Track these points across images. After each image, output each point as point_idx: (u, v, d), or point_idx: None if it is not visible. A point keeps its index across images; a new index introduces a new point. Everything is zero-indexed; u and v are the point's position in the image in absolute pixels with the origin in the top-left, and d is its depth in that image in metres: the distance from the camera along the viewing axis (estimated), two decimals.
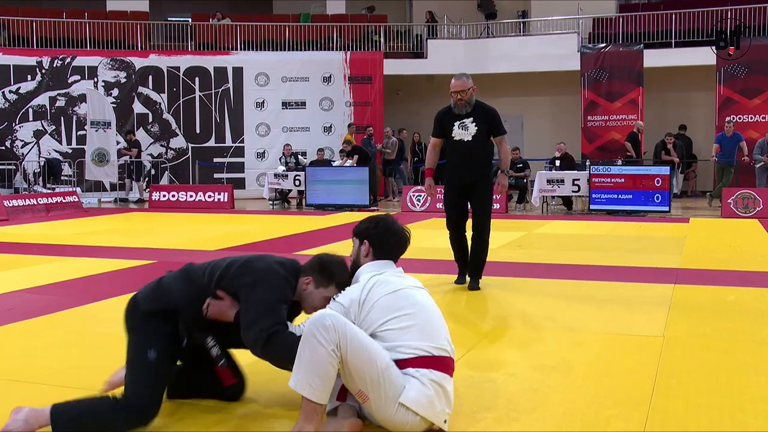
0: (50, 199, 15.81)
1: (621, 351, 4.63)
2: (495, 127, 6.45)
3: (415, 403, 3.09)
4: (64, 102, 19.22)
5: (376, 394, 3.08)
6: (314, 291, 3.46)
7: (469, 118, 6.39)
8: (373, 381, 3.07)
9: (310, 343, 3.00)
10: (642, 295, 6.31)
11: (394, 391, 3.09)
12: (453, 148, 6.48)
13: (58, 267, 8.07)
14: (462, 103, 6.37)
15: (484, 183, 6.45)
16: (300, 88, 20.27)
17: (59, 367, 4.30)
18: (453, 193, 6.53)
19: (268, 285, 3.31)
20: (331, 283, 3.47)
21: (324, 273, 3.47)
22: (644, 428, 3.29)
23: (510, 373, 4.18)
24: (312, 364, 2.99)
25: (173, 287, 3.44)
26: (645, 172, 14.51)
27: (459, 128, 6.40)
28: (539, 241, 10.34)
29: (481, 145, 6.41)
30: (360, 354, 3.03)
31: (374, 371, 3.06)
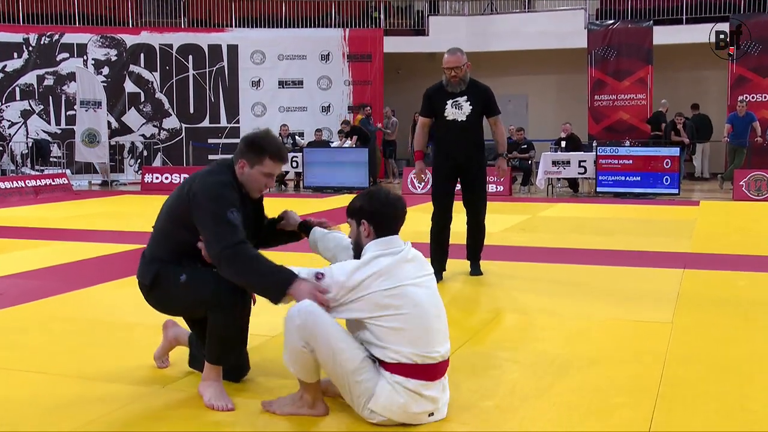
0: (39, 181, 15.81)
1: (628, 338, 4.65)
2: (490, 107, 6.26)
3: (383, 409, 3.15)
4: (52, 81, 19.16)
5: (344, 393, 3.24)
6: (251, 171, 3.50)
7: (463, 97, 6.15)
8: (340, 382, 3.20)
9: (287, 335, 3.18)
10: (650, 280, 6.32)
11: (361, 394, 3.16)
12: (445, 129, 6.24)
13: (48, 251, 8.08)
14: (456, 81, 6.13)
15: (477, 164, 6.26)
16: (297, 66, 20.21)
17: (50, 354, 4.32)
18: (443, 176, 6.29)
19: (210, 200, 3.35)
20: (263, 157, 3.49)
21: (254, 150, 3.50)
22: (651, 417, 3.30)
23: (513, 361, 4.20)
24: (291, 352, 3.19)
25: (160, 248, 3.62)
26: (654, 154, 14.48)
27: (452, 107, 6.16)
28: (544, 224, 10.35)
29: (475, 125, 6.22)
30: (326, 355, 3.13)
31: (340, 374, 3.16)
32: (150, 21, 20.60)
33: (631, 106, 18.39)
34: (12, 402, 3.56)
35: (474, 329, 4.91)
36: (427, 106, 6.31)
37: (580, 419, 3.30)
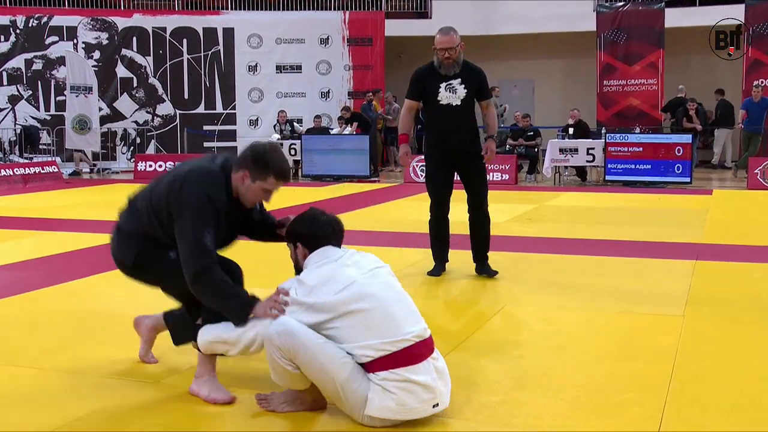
0: (28, 169, 15.81)
1: (638, 331, 4.64)
2: (484, 90, 6.10)
3: (380, 412, 3.15)
4: (41, 65, 19.11)
5: (340, 404, 3.22)
6: (252, 185, 3.50)
7: (457, 80, 5.95)
8: (333, 393, 3.20)
9: (270, 357, 3.21)
10: (661, 272, 6.31)
11: (356, 403, 3.17)
12: (439, 114, 6.02)
13: (37, 242, 8.08)
14: (450, 63, 5.92)
15: (474, 152, 6.07)
16: (295, 50, 20.14)
17: (39, 349, 4.32)
18: (440, 166, 6.08)
19: (193, 216, 3.38)
20: (268, 174, 3.48)
21: (259, 165, 3.47)
22: (662, 414, 3.30)
23: (518, 355, 4.20)
24: (277, 372, 3.24)
25: (136, 224, 3.66)
26: (665, 141, 14.46)
27: (446, 91, 5.96)
28: (551, 214, 10.34)
29: (470, 110, 6.04)
30: (313, 368, 3.15)
31: (331, 385, 3.17)
32: (142, 3, 20.53)
33: (642, 92, 18.33)
34: (0, 397, 3.57)
35: (478, 322, 4.90)
36: (416, 88, 6.07)
37: (587, 416, 3.30)
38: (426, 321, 4.94)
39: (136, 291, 5.74)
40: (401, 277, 6.05)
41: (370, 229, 8.60)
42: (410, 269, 6.39)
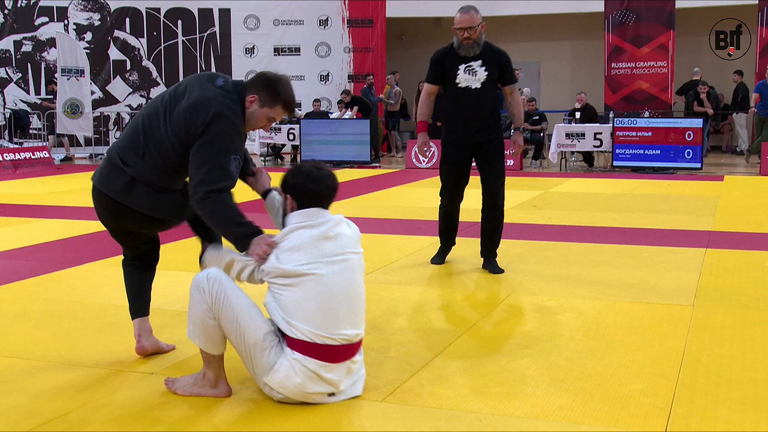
0: (18, 155, 15.79)
1: (647, 321, 4.65)
2: (507, 74, 5.91)
3: (280, 386, 3.28)
4: (31, 47, 19.08)
5: (247, 365, 3.36)
6: (258, 110, 3.59)
7: (477, 61, 5.79)
8: (243, 354, 3.34)
9: (193, 303, 3.33)
10: (670, 260, 6.32)
11: (260, 369, 3.30)
12: (457, 98, 5.86)
13: (29, 229, 8.09)
14: (469, 43, 5.75)
15: (496, 141, 5.90)
16: (294, 32, 20.10)
17: (31, 339, 4.33)
18: (456, 154, 5.91)
19: (222, 139, 3.44)
20: (277, 102, 3.59)
21: (270, 91, 3.58)
22: (671, 404, 3.31)
23: (523, 346, 4.20)
24: (195, 321, 3.33)
25: (145, 163, 3.60)
26: (675, 125, 14.44)
27: (465, 73, 5.81)
28: (557, 200, 10.34)
29: (490, 94, 5.86)
30: (230, 324, 3.27)
31: (241, 345, 3.31)
32: None
33: (651, 75, 18.27)
34: None
35: (482, 312, 4.91)
36: (435, 71, 5.94)
37: (594, 406, 3.31)
38: (428, 309, 4.97)
39: None
40: (402, 265, 6.11)
41: (371, 216, 8.60)
42: (412, 258, 6.40)
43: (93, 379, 3.66)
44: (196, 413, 3.27)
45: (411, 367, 3.79)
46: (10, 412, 3.30)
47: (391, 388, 3.51)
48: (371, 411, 3.28)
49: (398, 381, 3.59)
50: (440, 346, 4.15)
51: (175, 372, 3.73)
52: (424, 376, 3.70)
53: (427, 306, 5.10)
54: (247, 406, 3.34)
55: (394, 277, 5.80)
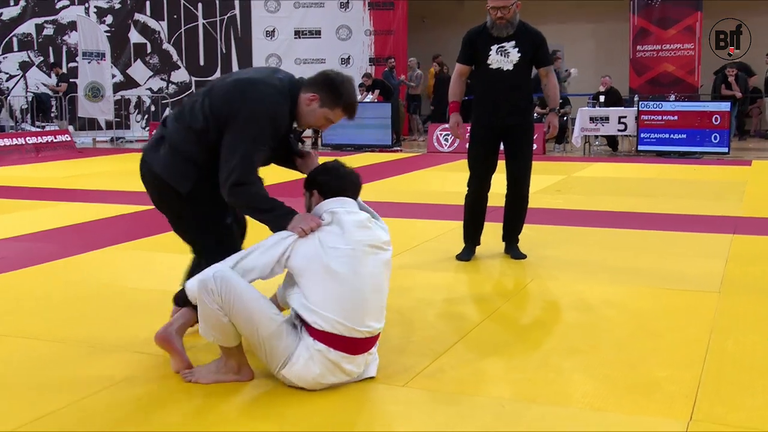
0: (40, 138, 15.91)
1: (671, 308, 4.63)
2: (542, 56, 5.70)
3: (297, 378, 3.30)
4: (52, 30, 19.17)
5: (261, 357, 3.37)
6: (318, 110, 3.57)
7: (510, 42, 5.59)
8: (258, 348, 3.33)
9: (202, 303, 3.29)
10: (696, 246, 6.28)
11: (276, 359, 3.30)
12: (488, 80, 5.69)
13: (51, 213, 8.15)
14: (503, 23, 5.56)
15: (526, 127, 5.76)
16: (314, 14, 20.06)
17: (53, 321, 4.37)
18: (485, 138, 5.75)
19: (252, 129, 3.43)
20: (337, 104, 3.57)
21: (333, 92, 3.55)
22: (696, 392, 3.30)
23: (546, 331, 4.20)
24: (207, 320, 3.31)
25: (192, 143, 3.56)
26: (701, 109, 14.30)
27: (498, 54, 5.61)
28: (580, 185, 10.29)
29: (523, 76, 5.68)
30: (242, 320, 3.26)
31: (255, 338, 3.30)
32: None
33: (678, 57, 18.09)
34: (14, 370, 3.62)
35: (505, 297, 4.91)
36: (466, 51, 5.75)
37: (619, 394, 3.30)
38: (452, 294, 4.97)
39: (151, 263, 5.80)
40: (424, 250, 6.10)
41: (392, 200, 8.59)
42: (433, 242, 6.39)
43: (114, 362, 3.69)
44: (218, 397, 3.29)
45: (432, 352, 3.79)
46: (33, 393, 3.34)
47: (413, 373, 3.51)
48: (393, 396, 3.29)
49: (420, 366, 3.60)
50: (462, 331, 4.15)
51: (195, 355, 3.75)
52: (446, 361, 3.70)
53: (449, 291, 5.09)
54: (269, 389, 3.35)
55: (415, 261, 5.80)
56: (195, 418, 3.11)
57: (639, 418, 3.06)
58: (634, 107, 14.70)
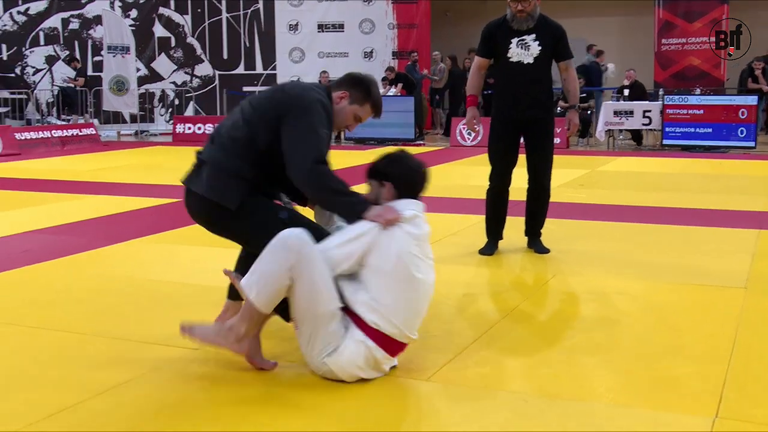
0: (65, 131, 16.03)
1: (697, 303, 4.59)
2: (562, 49, 5.65)
3: (339, 369, 3.25)
4: (77, 24, 19.30)
5: (303, 335, 3.28)
6: (348, 107, 3.62)
7: (530, 35, 5.55)
8: (307, 324, 3.25)
9: (271, 255, 3.18)
10: (722, 242, 6.22)
11: (320, 343, 3.24)
12: (508, 73, 5.64)
13: (76, 205, 8.21)
14: (523, 16, 5.51)
15: (546, 120, 5.70)
16: (337, 8, 20.07)
17: (79, 313, 4.40)
18: (504, 132, 5.71)
19: (311, 112, 3.44)
20: (367, 101, 3.63)
21: (361, 89, 3.62)
22: (722, 389, 3.26)
23: (570, 327, 4.18)
24: (265, 275, 3.19)
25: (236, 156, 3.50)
26: (728, 103, 14.17)
27: (518, 47, 5.55)
28: (604, 179, 10.23)
29: (543, 70, 5.62)
30: (306, 288, 3.18)
31: (308, 312, 3.23)
32: None
33: (703, 51, 17.93)
34: (38, 362, 3.65)
35: (529, 292, 4.89)
36: (486, 44, 5.70)
37: (643, 389, 3.28)
38: (474, 289, 4.97)
39: (175, 256, 5.82)
40: (447, 244, 6.09)
41: None
42: (456, 237, 6.38)
43: (139, 354, 3.71)
44: (241, 388, 3.30)
45: (455, 347, 3.78)
46: (60, 384, 3.36)
47: (436, 368, 3.50)
48: (415, 390, 3.29)
49: (443, 360, 3.59)
50: (485, 326, 4.13)
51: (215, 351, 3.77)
52: (469, 356, 3.68)
53: (472, 285, 5.08)
54: (292, 381, 3.36)
55: (438, 255, 5.74)
56: (220, 409, 3.11)
57: (664, 414, 3.03)
58: (659, 101, 14.59)
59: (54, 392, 3.28)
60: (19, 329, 4.13)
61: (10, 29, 18.98)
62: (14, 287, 5.02)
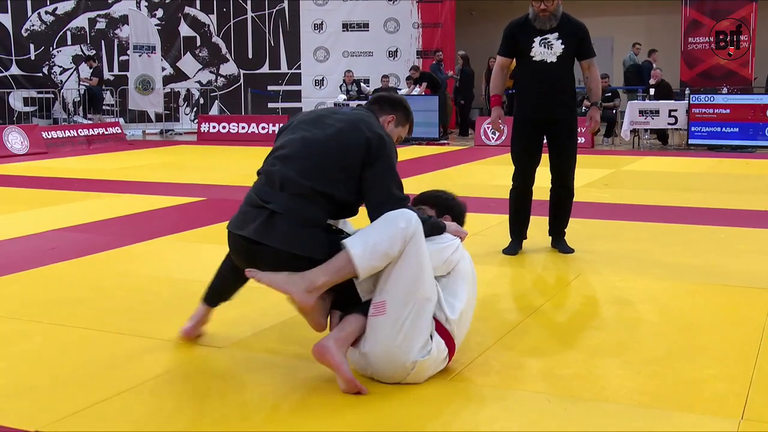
0: (91, 130, 16.16)
1: (722, 304, 4.55)
2: (585, 48, 5.61)
3: (421, 369, 3.23)
4: (104, 24, 19.44)
5: (399, 317, 3.16)
6: (394, 129, 3.69)
7: (553, 34, 5.51)
8: (406, 303, 3.17)
9: (387, 225, 3.16)
10: (748, 242, 6.17)
11: (418, 334, 3.19)
12: (531, 72, 5.60)
13: (102, 204, 8.27)
14: (546, 15, 5.47)
15: (569, 120, 5.66)
16: (362, 7, 20.08)
17: (104, 311, 4.43)
18: (527, 132, 5.67)
19: (393, 154, 3.44)
20: (407, 121, 3.76)
21: (402, 110, 3.72)
22: (747, 391, 3.23)
23: (593, 326, 4.16)
24: (378, 242, 3.12)
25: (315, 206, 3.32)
26: (755, 102, 14.03)
27: (541, 46, 5.51)
28: (629, 179, 10.16)
29: (567, 69, 5.59)
30: (413, 269, 3.17)
31: (410, 292, 3.17)
32: None
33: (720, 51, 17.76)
34: (65, 359, 3.68)
35: (552, 291, 4.87)
36: (508, 43, 5.67)
37: (667, 390, 3.25)
38: (497, 288, 4.96)
39: (199, 254, 5.86)
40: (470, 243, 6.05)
41: None
42: (480, 236, 6.36)
43: (163, 352, 3.73)
44: (268, 386, 3.31)
45: (478, 347, 3.77)
46: (85, 382, 3.39)
47: (459, 368, 3.49)
48: (437, 390, 3.27)
49: (466, 360, 3.58)
50: (508, 326, 4.12)
51: (243, 344, 3.78)
52: (492, 356, 3.68)
53: (495, 285, 5.06)
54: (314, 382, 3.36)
55: None
56: (246, 407, 3.13)
57: (688, 416, 3.01)
58: (685, 100, 14.47)
59: (79, 389, 3.31)
60: (44, 326, 4.17)
61: (38, 29, 19.14)
62: (40, 285, 5.06)
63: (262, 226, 3.26)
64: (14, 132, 14.53)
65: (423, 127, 15.78)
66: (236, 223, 3.37)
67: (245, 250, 3.33)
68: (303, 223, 3.26)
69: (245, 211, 3.36)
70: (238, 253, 3.41)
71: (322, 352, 3.16)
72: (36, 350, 3.82)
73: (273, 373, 3.44)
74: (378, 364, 3.24)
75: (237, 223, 3.37)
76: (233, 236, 3.37)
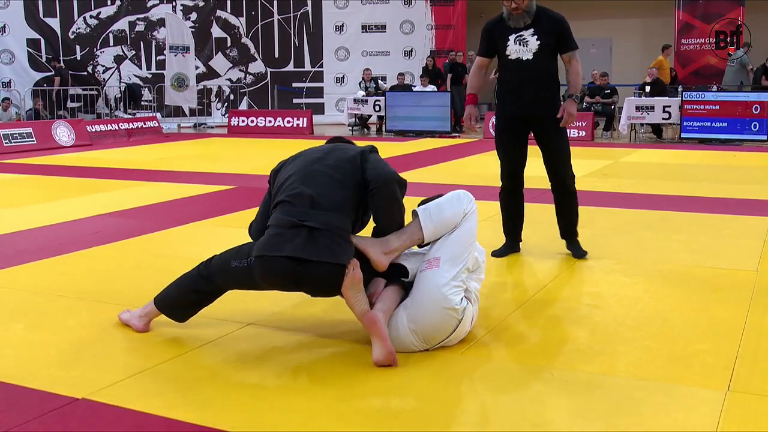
0: (131, 124, 16.22)
1: (711, 285, 4.53)
2: (564, 41, 5.02)
3: (456, 332, 3.38)
4: (143, 27, 19.48)
5: (445, 270, 3.35)
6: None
7: (528, 30, 4.97)
8: (462, 258, 3.41)
9: (452, 201, 3.51)
10: (735, 228, 6.13)
11: (458, 297, 3.34)
12: (508, 71, 5.10)
13: (142, 191, 8.31)
14: (519, 13, 4.94)
15: (551, 117, 5.03)
16: (380, 10, 20.02)
17: (143, 289, 4.45)
18: (508, 129, 5.20)
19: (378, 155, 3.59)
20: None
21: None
22: (734, 364, 3.23)
23: (593, 306, 4.15)
24: (444, 212, 3.46)
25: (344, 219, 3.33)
26: (742, 99, 13.92)
27: (516, 44, 5.00)
28: (626, 170, 10.11)
29: (545, 64, 5.02)
30: (468, 233, 3.47)
31: (467, 253, 3.43)
32: None
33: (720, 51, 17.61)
34: (108, 333, 3.72)
35: (553, 275, 4.86)
36: (486, 42, 5.19)
37: (661, 364, 3.25)
38: (500, 270, 4.95)
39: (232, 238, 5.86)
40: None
41: (449, 182, 8.55)
42: (487, 222, 6.35)
43: (197, 328, 3.75)
44: (291, 366, 3.32)
45: (486, 323, 3.77)
46: (126, 354, 3.42)
47: (467, 344, 3.50)
48: (447, 364, 3.28)
49: (473, 337, 3.59)
50: (513, 306, 4.13)
51: (268, 327, 3.80)
52: (498, 333, 3.68)
53: (497, 266, 5.05)
54: (335, 358, 3.38)
55: None
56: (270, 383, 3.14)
57: (680, 387, 3.01)
58: (678, 97, 14.38)
59: (120, 361, 3.35)
60: (88, 303, 4.21)
61: (84, 32, 19.21)
62: (84, 265, 5.10)
63: (305, 243, 3.16)
64: (62, 126, 14.60)
65: (436, 120, 15.77)
66: (271, 246, 3.21)
67: (290, 270, 3.17)
68: (340, 234, 3.23)
69: (279, 234, 3.21)
70: (276, 275, 3.23)
71: (374, 321, 3.19)
72: (80, 325, 3.85)
73: (300, 350, 3.45)
74: (427, 313, 3.32)
75: (272, 246, 3.20)
76: (272, 259, 3.19)
